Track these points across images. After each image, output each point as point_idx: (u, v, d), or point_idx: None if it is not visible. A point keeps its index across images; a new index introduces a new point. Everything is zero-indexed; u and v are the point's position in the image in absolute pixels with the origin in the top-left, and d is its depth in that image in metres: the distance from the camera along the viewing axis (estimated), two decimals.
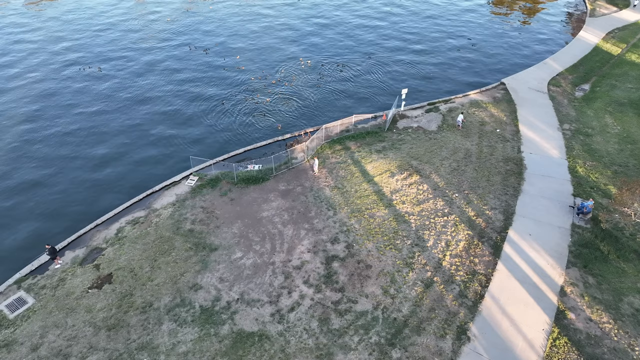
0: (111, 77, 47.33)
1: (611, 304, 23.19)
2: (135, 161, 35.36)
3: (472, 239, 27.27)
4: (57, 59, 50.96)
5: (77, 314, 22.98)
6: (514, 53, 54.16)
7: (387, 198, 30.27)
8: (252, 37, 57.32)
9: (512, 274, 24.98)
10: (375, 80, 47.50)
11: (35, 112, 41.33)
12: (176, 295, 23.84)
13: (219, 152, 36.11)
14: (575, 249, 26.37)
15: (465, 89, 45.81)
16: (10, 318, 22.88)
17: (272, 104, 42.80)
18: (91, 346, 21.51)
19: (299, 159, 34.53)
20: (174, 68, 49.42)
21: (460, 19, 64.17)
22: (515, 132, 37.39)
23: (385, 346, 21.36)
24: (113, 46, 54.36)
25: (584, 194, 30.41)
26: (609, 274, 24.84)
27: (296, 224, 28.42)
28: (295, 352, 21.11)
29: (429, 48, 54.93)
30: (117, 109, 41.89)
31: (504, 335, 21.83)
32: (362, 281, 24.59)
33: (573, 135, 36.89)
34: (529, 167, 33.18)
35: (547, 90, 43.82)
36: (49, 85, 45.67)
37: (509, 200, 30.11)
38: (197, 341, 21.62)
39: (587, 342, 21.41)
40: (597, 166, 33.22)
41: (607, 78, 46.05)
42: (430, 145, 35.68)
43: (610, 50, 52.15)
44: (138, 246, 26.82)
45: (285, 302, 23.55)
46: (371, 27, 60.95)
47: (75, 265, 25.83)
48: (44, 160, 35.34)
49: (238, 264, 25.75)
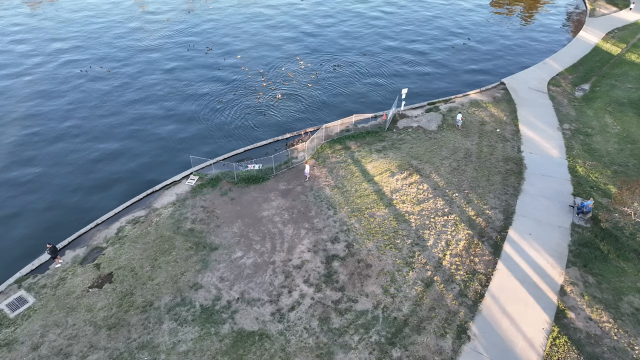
0: (111, 76, 47.33)
1: (611, 303, 23.22)
2: (135, 160, 35.36)
3: (472, 238, 27.29)
4: (58, 58, 50.97)
5: (77, 313, 23.00)
6: (514, 53, 54.20)
7: (387, 197, 30.30)
8: (252, 36, 57.33)
9: (512, 273, 25.01)
10: (375, 80, 47.52)
11: (33, 110, 41.33)
12: (176, 295, 23.86)
13: (219, 152, 36.13)
14: (575, 249, 26.40)
15: (465, 88, 45.84)
16: (11, 317, 22.89)
17: (272, 103, 42.81)
18: (92, 345, 21.53)
19: (299, 159, 34.55)
20: (173, 67, 49.42)
21: (460, 19, 64.21)
22: (515, 132, 37.43)
23: (386, 345, 21.38)
24: (113, 47, 54.36)
25: (584, 194, 30.44)
26: (608, 274, 24.87)
27: (296, 224, 28.44)
28: (295, 351, 21.13)
29: (429, 47, 54.95)
30: (116, 108, 41.89)
31: (504, 335, 21.86)
32: (362, 280, 24.62)
33: (573, 135, 36.92)
34: (529, 166, 33.21)
35: (547, 90, 43.86)
36: (48, 86, 45.69)
37: (509, 199, 30.14)
38: (197, 340, 21.64)
39: (587, 341, 21.44)
40: (597, 166, 33.25)
41: (607, 78, 46.09)
42: (430, 145, 35.71)
43: (610, 50, 52.20)
44: (138, 245, 26.84)
45: (286, 301, 23.57)
46: (371, 26, 60.97)
47: (76, 264, 25.85)
48: (44, 159, 35.33)
49: (238, 263, 25.77)
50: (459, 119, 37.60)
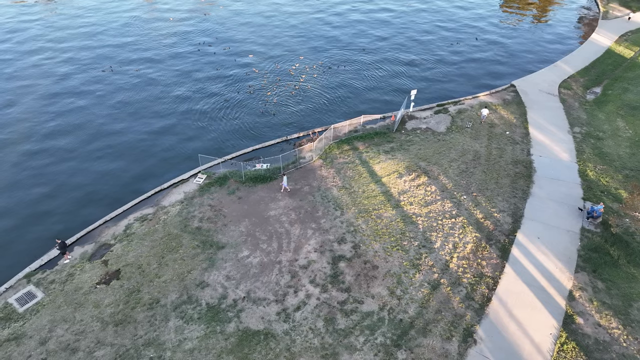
0: (122, 75, 47.73)
1: (621, 310, 22.92)
2: (144, 158, 35.59)
3: (479, 241, 27.10)
4: (59, 56, 51.57)
5: (85, 309, 23.20)
6: (524, 55, 53.76)
7: (395, 199, 30.19)
8: (263, 36, 57.46)
9: (519, 277, 24.79)
10: (384, 81, 47.38)
11: (48, 109, 41.84)
12: (183, 293, 23.97)
13: (227, 151, 36.26)
14: (585, 253, 26.10)
15: (474, 90, 45.55)
16: (20, 312, 23.15)
17: (281, 102, 42.86)
18: (98, 341, 21.69)
19: (307, 159, 34.55)
20: (183, 68, 49.68)
21: (470, 21, 63.82)
22: (524, 135, 37.11)
23: (391, 347, 21.29)
24: (123, 48, 54.82)
25: (594, 198, 30.09)
26: (618, 279, 24.56)
27: (303, 224, 28.44)
28: (300, 351, 21.12)
29: (439, 49, 54.68)
30: (127, 107, 42.23)
31: (511, 339, 21.67)
32: (368, 282, 24.54)
33: (584, 139, 36.52)
34: (539, 170, 32.91)
35: (557, 92, 43.43)
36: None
37: (518, 203, 29.88)
38: (203, 338, 21.72)
39: (595, 348, 21.19)
40: (607, 170, 32.86)
41: (620, 81, 45.54)
42: (439, 147, 35.52)
43: (623, 53, 51.56)
44: (146, 243, 27.00)
45: (292, 301, 23.57)
46: (380, 26, 60.82)
47: (84, 260, 26.07)
48: (53, 157, 35.73)
49: (245, 262, 25.83)
50: (484, 114, 37.95)
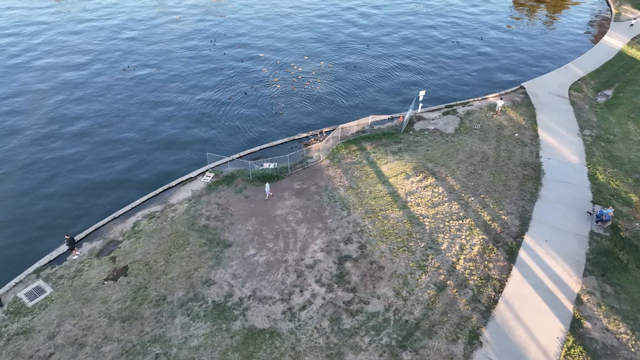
0: (134, 75, 48.13)
1: (629, 315, 22.69)
2: (153, 156, 35.86)
3: (487, 243, 26.96)
4: (80, 57, 52.10)
5: (92, 305, 23.43)
6: (534, 57, 53.37)
7: (402, 200, 30.13)
8: (273, 36, 57.61)
9: (527, 280, 24.63)
10: (393, 82, 47.30)
11: (57, 107, 42.30)
12: (189, 290, 24.12)
13: (235, 150, 36.42)
14: (593, 257, 25.87)
15: (483, 92, 45.31)
16: (29, 306, 23.44)
17: (290, 102, 42.95)
18: (106, 337, 21.90)
19: (315, 159, 34.60)
20: (194, 67, 49.98)
21: (480, 22, 63.49)
22: (534, 137, 36.85)
23: (396, 348, 21.26)
24: (135, 49, 55.27)
25: (604, 202, 29.80)
26: (627, 284, 24.31)
27: (310, 223, 28.48)
28: (305, 350, 21.16)
29: (447, 50, 54.47)
30: (136, 106, 42.57)
31: (517, 342, 21.54)
32: (374, 282, 24.52)
33: (594, 142, 36.18)
34: (547, 172, 32.66)
35: (568, 95, 43.06)
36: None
37: (526, 205, 29.68)
38: (209, 336, 21.84)
39: (603, 352, 21.00)
40: (617, 173, 32.52)
41: (631, 84, 45.02)
42: (447, 148, 35.39)
43: (635, 56, 50.98)
44: (153, 240, 27.21)
45: (297, 300, 23.62)
46: (388, 27, 60.73)
47: (92, 256, 26.33)
48: (60, 155, 36.12)
49: (251, 260, 25.93)
50: (499, 105, 39.01)
